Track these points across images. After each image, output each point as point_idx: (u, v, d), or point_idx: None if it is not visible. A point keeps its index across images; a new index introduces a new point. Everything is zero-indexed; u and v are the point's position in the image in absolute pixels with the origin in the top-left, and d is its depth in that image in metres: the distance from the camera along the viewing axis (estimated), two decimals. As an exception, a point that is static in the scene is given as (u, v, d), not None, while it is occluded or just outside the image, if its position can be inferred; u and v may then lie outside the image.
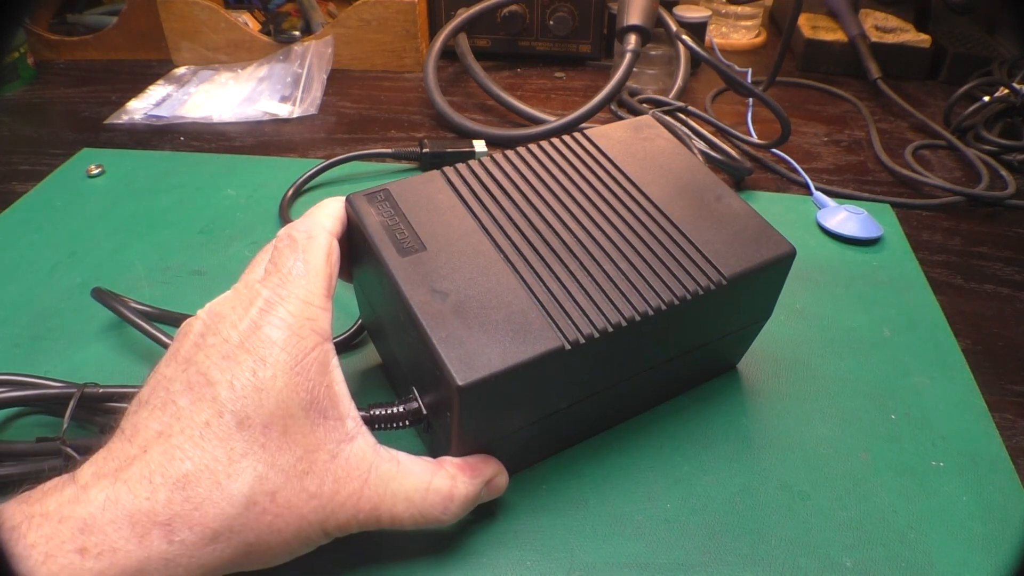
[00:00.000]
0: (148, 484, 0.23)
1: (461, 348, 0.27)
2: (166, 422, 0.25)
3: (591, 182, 0.34)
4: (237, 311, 0.27)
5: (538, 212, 0.32)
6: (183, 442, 0.24)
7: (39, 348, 0.40)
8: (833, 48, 0.76)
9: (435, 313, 0.28)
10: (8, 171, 0.57)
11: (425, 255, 0.30)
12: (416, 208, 0.32)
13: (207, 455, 0.24)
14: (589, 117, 0.59)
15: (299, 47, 0.73)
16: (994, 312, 0.45)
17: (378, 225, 0.31)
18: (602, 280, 0.30)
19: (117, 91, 0.70)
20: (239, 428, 0.25)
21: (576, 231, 0.32)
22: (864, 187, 0.57)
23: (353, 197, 0.32)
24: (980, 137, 0.62)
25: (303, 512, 0.25)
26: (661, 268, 0.31)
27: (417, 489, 0.27)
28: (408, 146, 0.58)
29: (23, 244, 0.49)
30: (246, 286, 0.28)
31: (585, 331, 0.28)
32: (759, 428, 0.36)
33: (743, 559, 0.30)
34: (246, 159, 0.59)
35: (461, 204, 0.32)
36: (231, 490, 0.24)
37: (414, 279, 0.29)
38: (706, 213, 0.33)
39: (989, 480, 0.34)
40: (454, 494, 0.28)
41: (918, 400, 0.38)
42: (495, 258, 0.30)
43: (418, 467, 0.28)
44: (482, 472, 0.29)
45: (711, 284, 0.30)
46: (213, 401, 0.25)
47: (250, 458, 0.24)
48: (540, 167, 0.35)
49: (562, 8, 0.74)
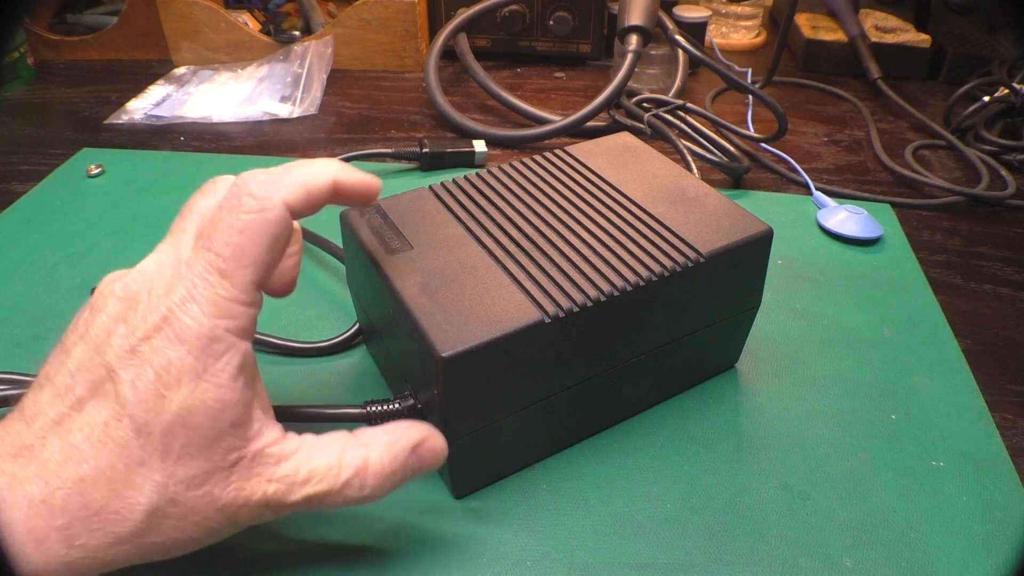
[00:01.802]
0: (44, 486, 0.22)
1: (445, 324, 0.28)
2: (64, 412, 0.23)
3: (571, 187, 0.36)
4: (152, 297, 0.24)
5: (520, 214, 0.34)
6: (80, 441, 0.23)
7: (39, 348, 0.40)
8: (833, 48, 0.76)
9: (419, 297, 0.29)
10: (8, 171, 0.57)
11: (412, 253, 0.32)
12: (405, 218, 0.34)
13: (103, 460, 0.23)
14: (592, 117, 0.59)
15: (299, 47, 0.73)
16: (994, 312, 0.45)
17: (369, 233, 0.33)
18: (580, 262, 0.31)
19: (117, 91, 0.70)
20: (137, 435, 0.23)
21: (556, 225, 0.34)
22: (864, 187, 0.57)
23: (346, 213, 0.34)
24: (980, 137, 0.62)
25: (207, 513, 0.24)
26: (638, 249, 0.32)
27: (328, 467, 0.26)
28: (408, 146, 0.58)
29: (23, 244, 0.49)
30: (172, 265, 0.25)
31: (564, 305, 0.29)
32: (759, 428, 0.36)
33: (743, 559, 0.30)
34: (246, 159, 0.59)
35: (447, 212, 0.35)
36: (130, 499, 0.23)
37: (401, 272, 0.31)
38: (682, 205, 0.35)
39: (989, 480, 0.34)
40: (369, 466, 0.26)
41: (918, 400, 0.38)
42: (478, 252, 0.32)
43: (328, 445, 0.26)
44: (404, 437, 0.27)
45: (688, 261, 0.32)
46: (115, 400, 0.23)
47: (148, 467, 0.23)
48: (523, 179, 0.37)
49: (562, 8, 0.74)
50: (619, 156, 0.39)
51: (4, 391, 0.34)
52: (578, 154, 0.39)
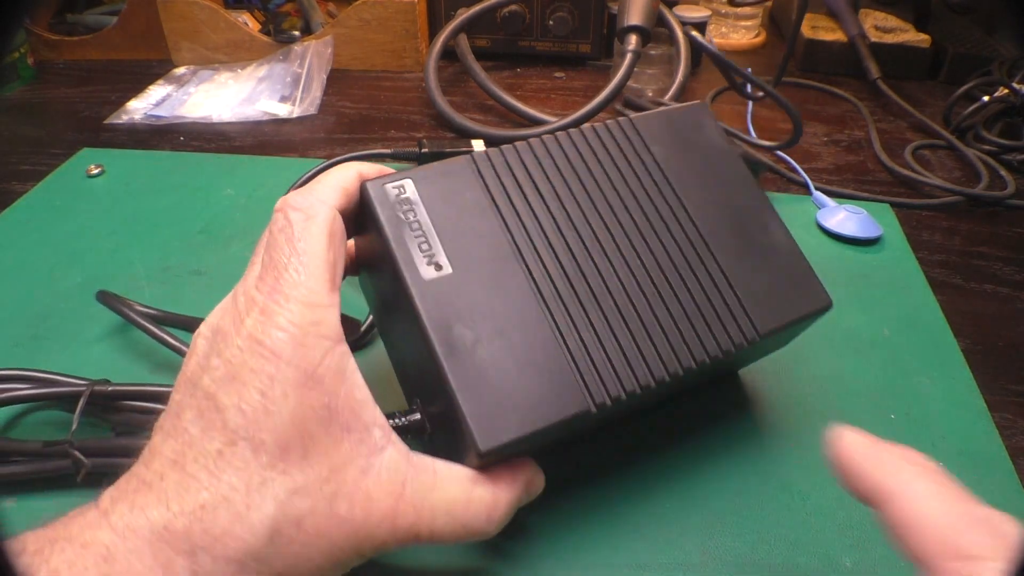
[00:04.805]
0: (166, 511, 0.22)
1: (484, 407, 0.25)
2: (178, 450, 0.23)
3: (634, 190, 0.31)
4: (236, 324, 0.25)
5: (575, 227, 0.30)
6: (197, 471, 0.23)
7: (39, 348, 0.40)
8: (833, 48, 0.76)
9: (459, 359, 0.26)
10: (8, 171, 0.57)
11: (450, 278, 0.27)
12: (442, 212, 0.28)
13: (223, 484, 0.23)
14: (590, 117, 0.59)
15: (299, 47, 0.73)
16: (994, 312, 0.45)
17: (399, 230, 0.28)
18: (636, 330, 0.28)
19: (117, 91, 0.70)
20: (255, 454, 0.23)
21: (614, 258, 0.30)
22: (864, 187, 0.57)
23: (370, 187, 0.28)
24: (980, 137, 0.62)
25: (334, 538, 0.23)
26: (698, 318, 0.29)
27: (458, 500, 0.25)
28: (408, 146, 0.58)
29: (23, 244, 0.49)
30: (243, 292, 0.25)
31: (613, 393, 0.27)
32: (759, 428, 0.36)
33: (743, 559, 0.30)
34: (246, 159, 0.59)
35: (492, 208, 0.29)
36: (252, 521, 0.22)
37: (437, 310, 0.27)
38: (750, 247, 0.32)
39: (989, 480, 0.34)
40: (498, 502, 0.26)
41: (918, 400, 0.38)
42: (526, 289, 0.28)
43: (457, 476, 0.26)
44: (522, 473, 0.27)
45: (744, 341, 0.30)
46: (223, 428, 0.23)
47: (270, 486, 0.23)
48: (580, 162, 0.31)
49: (562, 8, 0.74)
50: (687, 143, 0.33)
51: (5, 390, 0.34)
52: (644, 131, 0.33)
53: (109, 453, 0.31)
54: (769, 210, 0.33)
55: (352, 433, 0.24)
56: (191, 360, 0.25)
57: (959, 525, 0.19)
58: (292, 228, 0.26)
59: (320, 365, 0.24)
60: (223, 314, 0.26)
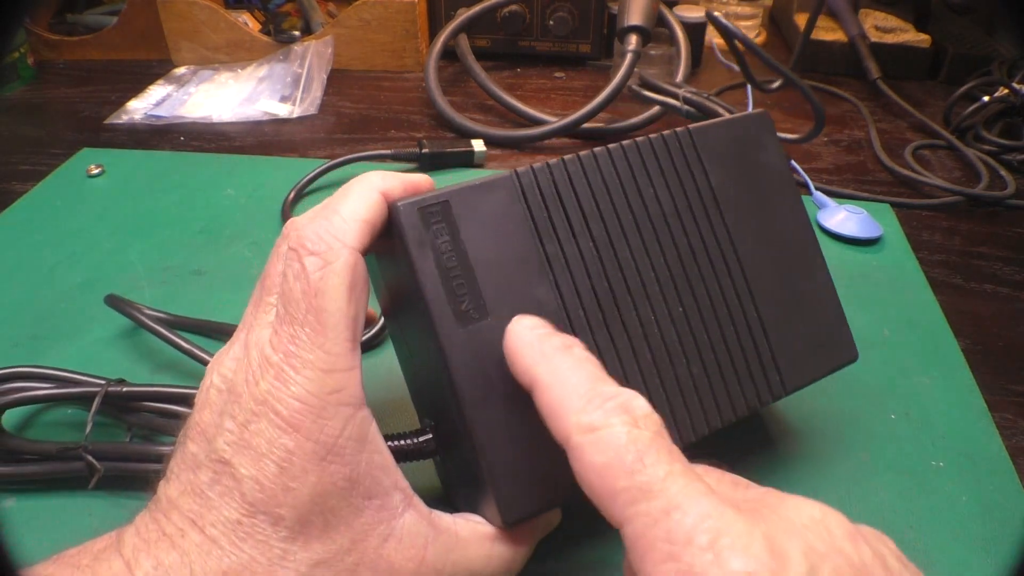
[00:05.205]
0: (189, 573, 0.22)
1: (509, 474, 0.25)
2: (196, 511, 0.23)
3: (686, 226, 0.29)
4: (250, 385, 0.23)
5: (620, 269, 0.28)
6: (218, 536, 0.22)
7: (39, 348, 0.40)
8: (833, 48, 0.76)
9: (487, 413, 0.25)
10: (8, 171, 0.57)
11: (485, 326, 0.25)
12: (482, 244, 0.26)
13: (244, 555, 0.22)
14: (590, 118, 0.59)
15: (299, 47, 0.73)
16: (994, 312, 0.45)
17: (433, 266, 0.25)
18: (671, 389, 0.28)
19: (117, 91, 0.70)
20: (274, 527, 0.22)
21: (656, 305, 0.28)
22: (864, 187, 0.57)
23: (403, 212, 0.25)
24: (980, 137, 0.62)
25: None
26: (731, 375, 0.29)
27: (478, 559, 0.25)
28: (408, 146, 0.58)
29: (23, 244, 0.49)
30: (257, 346, 0.24)
31: None
32: (758, 428, 0.36)
33: (743, 559, 0.30)
34: (246, 159, 0.59)
35: (534, 243, 0.27)
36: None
37: (470, 364, 0.25)
38: (792, 295, 0.31)
39: (989, 480, 0.34)
40: (517, 556, 0.26)
41: (918, 400, 0.38)
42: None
43: (477, 536, 0.26)
44: (540, 521, 0.27)
45: (770, 399, 0.30)
46: (242, 500, 0.22)
47: (291, 558, 0.22)
48: (633, 186, 0.29)
49: (562, 8, 0.74)
50: (745, 166, 0.31)
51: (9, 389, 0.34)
52: (703, 148, 0.30)
53: (123, 458, 0.31)
54: (815, 250, 0.32)
55: (373, 500, 0.24)
56: (204, 411, 0.24)
57: (588, 407, 0.21)
58: (308, 278, 0.23)
59: (340, 436, 0.23)
60: (236, 367, 0.24)
